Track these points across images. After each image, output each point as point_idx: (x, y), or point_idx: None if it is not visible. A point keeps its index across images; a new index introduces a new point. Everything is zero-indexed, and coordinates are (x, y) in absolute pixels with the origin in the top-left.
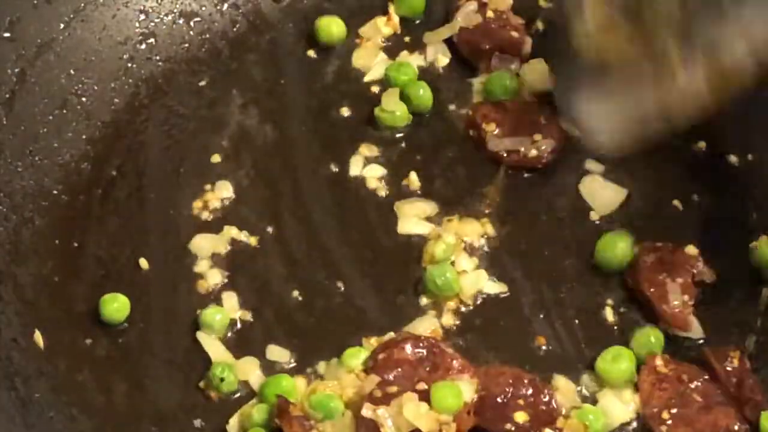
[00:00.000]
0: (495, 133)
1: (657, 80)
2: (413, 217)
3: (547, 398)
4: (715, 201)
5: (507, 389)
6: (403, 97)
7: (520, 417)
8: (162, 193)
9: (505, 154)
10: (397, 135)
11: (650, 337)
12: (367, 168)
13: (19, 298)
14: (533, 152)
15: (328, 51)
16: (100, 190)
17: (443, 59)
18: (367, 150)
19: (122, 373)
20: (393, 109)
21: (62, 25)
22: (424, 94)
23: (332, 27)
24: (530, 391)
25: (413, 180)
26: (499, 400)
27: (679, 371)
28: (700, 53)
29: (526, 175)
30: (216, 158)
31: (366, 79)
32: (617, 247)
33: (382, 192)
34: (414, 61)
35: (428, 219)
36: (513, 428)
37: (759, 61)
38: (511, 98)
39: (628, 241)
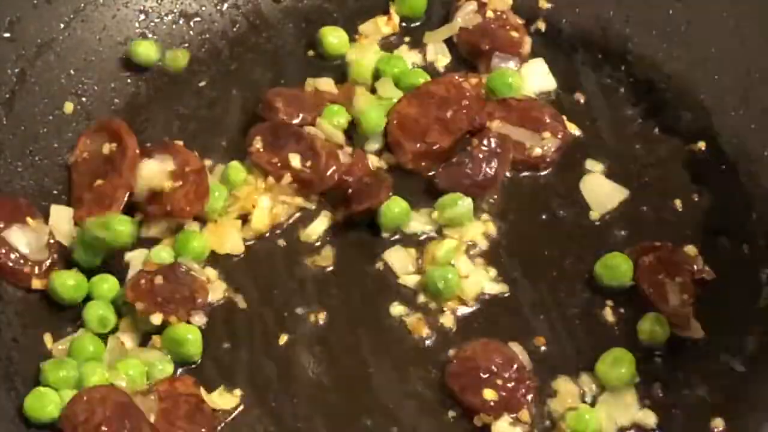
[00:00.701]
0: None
1: None
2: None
3: (523, 390)
4: (715, 201)
5: (492, 366)
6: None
7: (489, 394)
8: None
9: None
10: None
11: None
12: None
13: (19, 298)
14: (537, 151)
15: None
16: None
17: (443, 59)
18: None
19: None
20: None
21: (62, 25)
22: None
23: (336, 39)
24: (514, 375)
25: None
26: (482, 374)
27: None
28: None
29: (526, 174)
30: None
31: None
32: (618, 271)
33: None
34: (413, 60)
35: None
36: (479, 403)
37: None
38: (514, 95)
39: (629, 263)
